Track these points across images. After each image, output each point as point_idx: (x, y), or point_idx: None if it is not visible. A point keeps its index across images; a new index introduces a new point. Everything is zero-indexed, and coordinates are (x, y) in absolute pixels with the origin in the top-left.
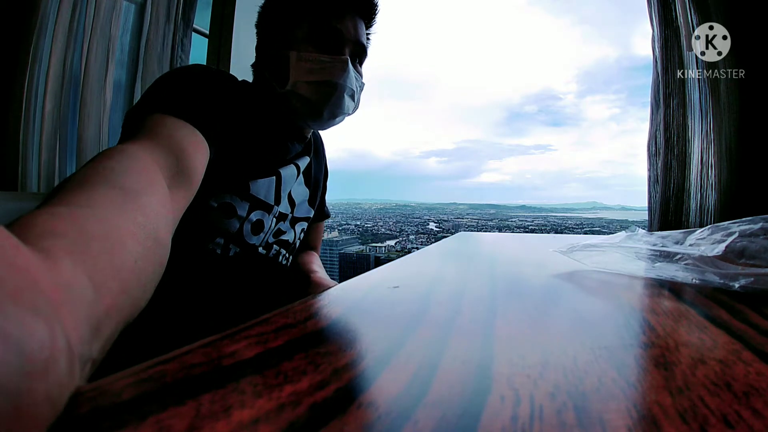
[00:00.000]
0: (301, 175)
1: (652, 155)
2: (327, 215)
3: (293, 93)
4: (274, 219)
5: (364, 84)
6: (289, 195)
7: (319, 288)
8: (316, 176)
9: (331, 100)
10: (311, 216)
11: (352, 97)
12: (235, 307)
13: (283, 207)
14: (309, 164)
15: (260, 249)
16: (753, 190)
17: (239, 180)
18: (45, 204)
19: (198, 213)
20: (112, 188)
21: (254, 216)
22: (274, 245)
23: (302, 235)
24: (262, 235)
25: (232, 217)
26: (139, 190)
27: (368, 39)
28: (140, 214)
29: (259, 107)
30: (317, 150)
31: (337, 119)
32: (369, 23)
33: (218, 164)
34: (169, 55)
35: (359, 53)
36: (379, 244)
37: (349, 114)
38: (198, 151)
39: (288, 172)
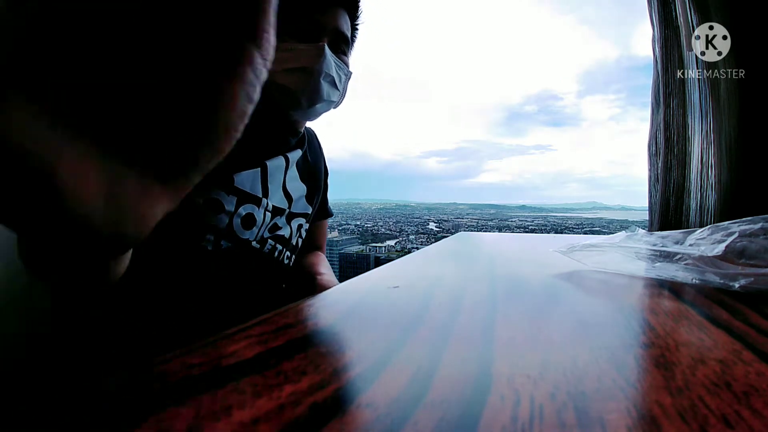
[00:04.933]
0: (293, 168)
1: (652, 155)
2: (330, 214)
3: (272, 83)
4: (268, 213)
5: (350, 73)
6: (285, 189)
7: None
8: (313, 172)
9: (308, 86)
10: (309, 213)
11: (334, 84)
12: (233, 302)
13: (278, 201)
14: (302, 159)
15: (254, 243)
16: (753, 190)
17: (223, 173)
18: None
19: (185, 211)
20: None
21: (243, 210)
22: (270, 240)
23: (302, 232)
24: (255, 229)
25: (220, 213)
26: None
27: (355, 29)
28: None
29: None
30: (313, 147)
31: (318, 107)
32: (353, 13)
33: None
34: None
35: (341, 42)
36: (379, 244)
37: (333, 102)
38: None
39: (275, 163)
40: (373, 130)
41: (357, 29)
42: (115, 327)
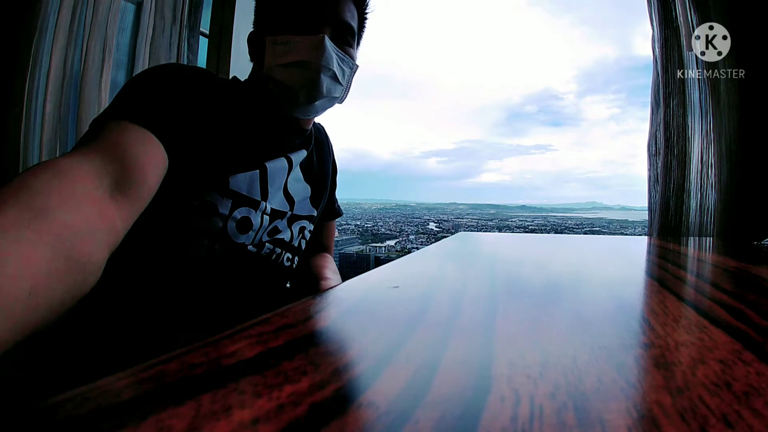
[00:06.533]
0: (296, 169)
1: (652, 155)
2: (338, 213)
3: (270, 78)
4: (267, 216)
5: (356, 66)
6: (286, 191)
7: None
8: (319, 172)
9: (306, 81)
10: (314, 215)
11: (336, 78)
12: (231, 304)
13: (278, 203)
14: (308, 159)
15: (250, 247)
16: (753, 190)
17: (218, 176)
18: None
19: (179, 213)
20: (22, 209)
21: (238, 213)
22: (268, 244)
23: (305, 234)
24: (251, 233)
25: (214, 216)
26: (51, 209)
27: (364, 18)
28: (48, 235)
29: (245, 101)
30: (320, 144)
31: (319, 103)
32: (360, 2)
33: (196, 162)
34: (175, 56)
35: (345, 34)
36: (379, 244)
37: (336, 97)
38: (150, 155)
39: (276, 164)
40: (372, 129)
41: (366, 19)
42: (114, 328)
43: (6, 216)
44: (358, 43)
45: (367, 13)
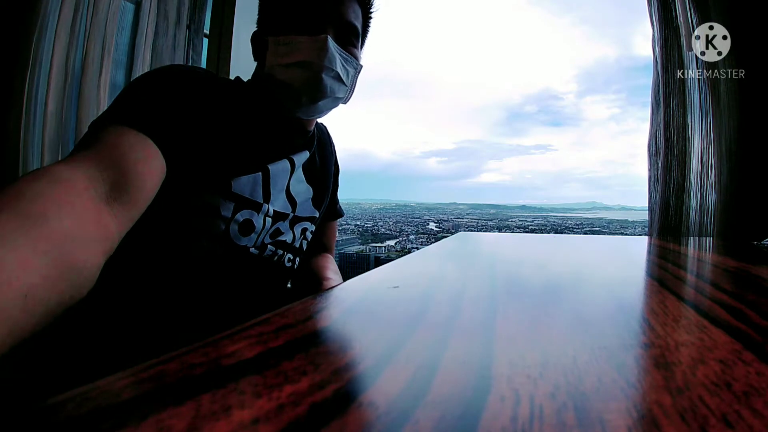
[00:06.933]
0: (299, 170)
1: (652, 155)
2: (340, 214)
3: (271, 79)
4: (269, 219)
5: (360, 66)
6: (288, 193)
7: None
8: (321, 173)
9: (309, 82)
10: (316, 216)
11: (339, 79)
12: (232, 304)
13: (280, 205)
14: (310, 160)
15: (252, 249)
16: (753, 190)
17: (220, 178)
18: None
19: (181, 215)
20: (18, 216)
21: (241, 216)
22: (270, 246)
23: (307, 235)
24: (254, 236)
25: (216, 218)
26: (47, 215)
27: (369, 18)
28: (44, 241)
29: (247, 103)
30: (322, 145)
31: (322, 104)
32: (364, 2)
33: (199, 165)
34: (182, 57)
35: (349, 34)
36: (379, 244)
37: (339, 98)
38: (147, 161)
39: (279, 167)
40: (373, 128)
41: (370, 18)
42: (115, 328)
43: (2, 222)
44: (363, 43)
45: (371, 13)
